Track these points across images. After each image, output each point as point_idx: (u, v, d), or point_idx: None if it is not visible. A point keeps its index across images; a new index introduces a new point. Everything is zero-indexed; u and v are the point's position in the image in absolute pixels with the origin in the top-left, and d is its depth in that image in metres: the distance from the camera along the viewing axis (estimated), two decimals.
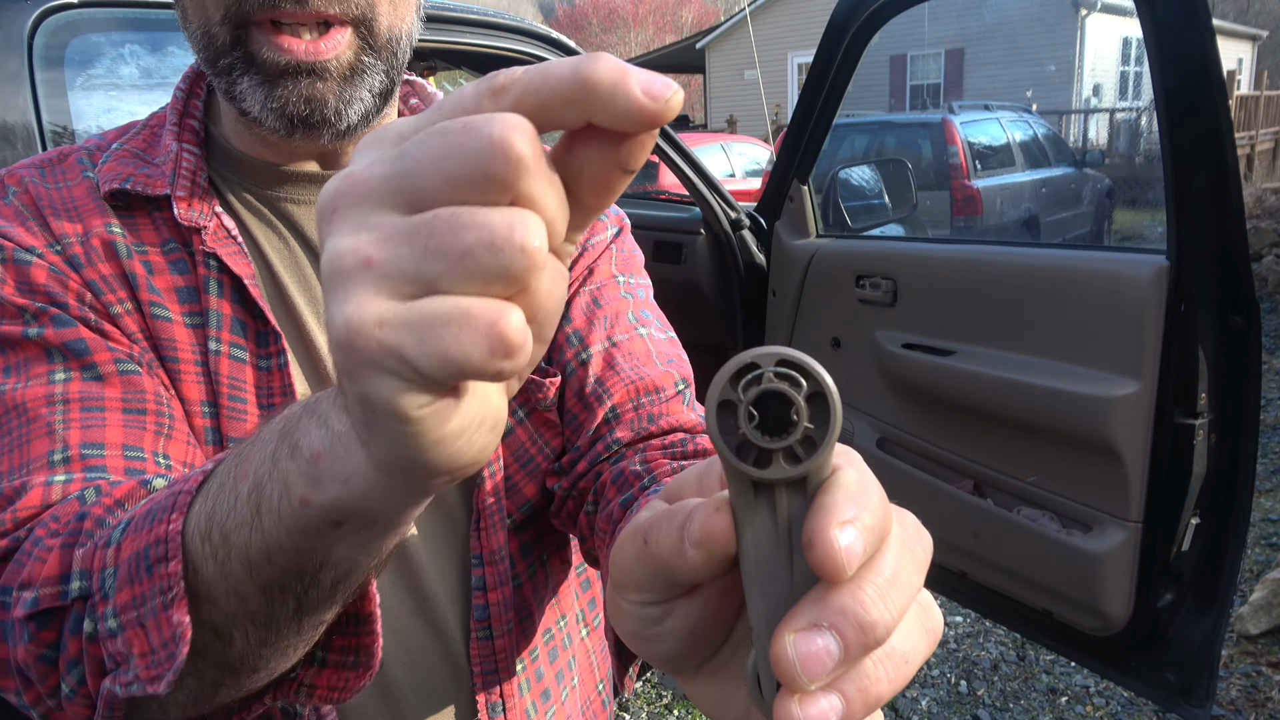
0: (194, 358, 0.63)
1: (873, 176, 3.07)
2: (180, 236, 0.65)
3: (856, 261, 2.08)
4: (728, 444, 0.28)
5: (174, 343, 0.62)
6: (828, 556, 0.27)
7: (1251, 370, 1.46)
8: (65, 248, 0.62)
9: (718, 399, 0.28)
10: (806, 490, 0.29)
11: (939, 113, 8.85)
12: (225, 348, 0.63)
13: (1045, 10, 16.03)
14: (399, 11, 0.64)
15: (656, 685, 2.71)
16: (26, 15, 1.19)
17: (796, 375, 0.28)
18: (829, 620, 0.27)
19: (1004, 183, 7.91)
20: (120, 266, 0.63)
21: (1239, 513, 1.52)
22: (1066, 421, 1.61)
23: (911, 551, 0.30)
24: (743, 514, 0.29)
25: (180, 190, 0.65)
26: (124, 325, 0.61)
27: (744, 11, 17.52)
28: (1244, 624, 2.68)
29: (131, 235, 0.64)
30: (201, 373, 0.63)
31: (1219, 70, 1.38)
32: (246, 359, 0.63)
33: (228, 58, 0.59)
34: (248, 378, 0.63)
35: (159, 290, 0.63)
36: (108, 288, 0.62)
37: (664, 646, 0.33)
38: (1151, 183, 10.98)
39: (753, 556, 0.29)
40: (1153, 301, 1.48)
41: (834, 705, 0.27)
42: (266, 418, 0.61)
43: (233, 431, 0.62)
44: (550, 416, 0.74)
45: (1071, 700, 2.52)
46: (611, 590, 0.33)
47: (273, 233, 0.70)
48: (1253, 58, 22.09)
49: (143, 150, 0.68)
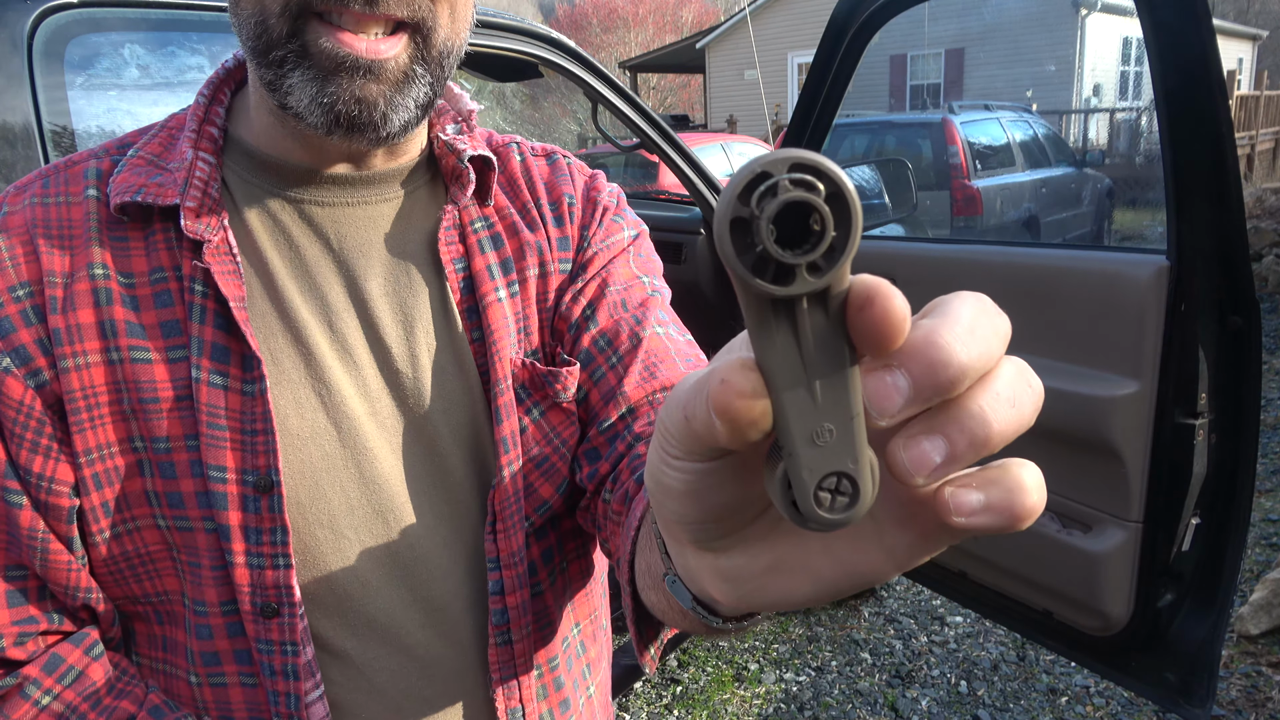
0: (174, 394, 0.62)
1: (873, 176, 3.07)
2: (171, 261, 0.64)
3: (857, 262, 2.08)
4: (744, 263, 0.26)
5: (153, 384, 0.62)
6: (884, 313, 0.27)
7: (1251, 370, 1.46)
8: (44, 287, 0.61)
9: (730, 215, 0.25)
10: (828, 303, 0.27)
11: (939, 113, 8.84)
12: (205, 374, 0.62)
13: (1045, 10, 16.03)
14: (456, 26, 0.64)
15: (656, 685, 2.71)
16: (26, 15, 1.19)
17: (813, 179, 0.25)
18: (899, 361, 0.27)
19: (1004, 183, 7.91)
20: (97, 315, 0.62)
21: (1239, 513, 1.52)
22: (1066, 421, 1.61)
23: (988, 316, 0.30)
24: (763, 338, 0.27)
25: (190, 201, 0.63)
26: (66, 382, 0.61)
27: (744, 11, 17.52)
28: (1244, 624, 2.68)
29: (120, 265, 0.63)
30: (185, 407, 0.62)
31: (1219, 70, 1.38)
32: (226, 385, 0.62)
33: (281, 49, 0.59)
34: (226, 404, 0.62)
35: (141, 330, 0.62)
36: (69, 339, 0.61)
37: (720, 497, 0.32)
38: (1151, 183, 10.98)
39: (778, 379, 0.27)
40: (1153, 301, 1.48)
41: (937, 445, 0.27)
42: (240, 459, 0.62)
43: (211, 459, 0.61)
44: (567, 407, 0.73)
45: (1071, 700, 2.52)
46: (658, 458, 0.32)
47: (283, 239, 0.68)
48: (1253, 58, 22.09)
49: (157, 155, 0.66)
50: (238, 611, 0.64)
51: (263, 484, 0.62)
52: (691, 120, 15.33)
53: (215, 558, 0.63)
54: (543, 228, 0.75)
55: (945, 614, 3.00)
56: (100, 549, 0.62)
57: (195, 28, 1.38)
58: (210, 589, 0.63)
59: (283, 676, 0.64)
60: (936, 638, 2.88)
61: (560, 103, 20.31)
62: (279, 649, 0.64)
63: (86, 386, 0.61)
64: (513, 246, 0.73)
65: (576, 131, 11.06)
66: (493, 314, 0.70)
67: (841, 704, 2.58)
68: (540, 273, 0.74)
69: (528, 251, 0.73)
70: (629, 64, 21.89)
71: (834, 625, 2.98)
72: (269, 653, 0.64)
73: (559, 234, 0.76)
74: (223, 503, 0.61)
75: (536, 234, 0.74)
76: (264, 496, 0.62)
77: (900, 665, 2.74)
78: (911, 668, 2.73)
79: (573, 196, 0.77)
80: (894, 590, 3.16)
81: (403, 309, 0.69)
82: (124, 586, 0.64)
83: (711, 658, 2.85)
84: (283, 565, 0.63)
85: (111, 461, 0.61)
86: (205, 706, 0.66)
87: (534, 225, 0.75)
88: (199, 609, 0.64)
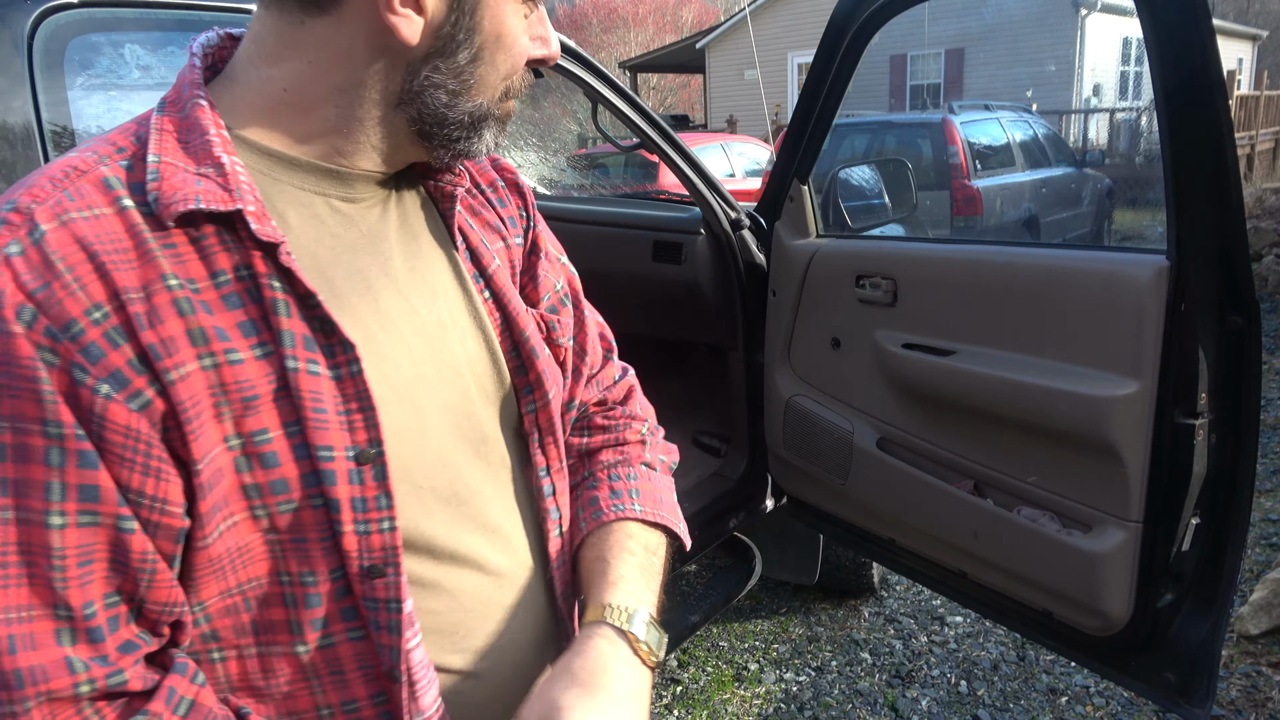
0: (271, 387, 0.65)
1: (873, 176, 3.07)
2: (231, 262, 0.65)
3: (856, 261, 2.08)
4: None
5: (250, 382, 0.64)
6: None
7: (1252, 370, 1.46)
8: (124, 304, 0.60)
9: None
10: None
11: (939, 113, 8.83)
12: (302, 364, 0.66)
13: (1045, 10, 16.03)
14: None
15: (656, 685, 2.71)
16: (26, 15, 1.19)
17: None
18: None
19: (1004, 183, 7.90)
20: (185, 324, 0.62)
21: (1239, 513, 1.52)
22: (1066, 421, 1.61)
23: None
24: None
25: (251, 205, 0.65)
26: (175, 394, 0.61)
27: (744, 11, 17.51)
28: (1244, 624, 2.69)
29: (182, 273, 0.63)
30: (281, 397, 0.65)
31: (1219, 70, 1.38)
32: (320, 371, 0.67)
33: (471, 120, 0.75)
34: (325, 389, 0.67)
35: (223, 333, 0.64)
36: (166, 353, 0.61)
37: None
38: (1151, 183, 10.97)
39: None
40: (1153, 301, 1.48)
41: None
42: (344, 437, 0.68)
43: (319, 440, 0.66)
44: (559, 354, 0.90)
45: (1071, 700, 2.52)
46: None
47: (321, 229, 0.73)
48: (1253, 58, 22.09)
49: (185, 161, 0.66)
50: (345, 575, 0.69)
51: (365, 456, 0.68)
52: (691, 120, 15.33)
53: (324, 531, 0.67)
54: (492, 208, 0.89)
55: (945, 614, 3.00)
56: (208, 550, 0.65)
57: (196, 28, 1.38)
58: (320, 560, 0.68)
59: (387, 630, 0.70)
60: (936, 638, 2.88)
61: (560, 103, 20.31)
62: (384, 606, 0.69)
63: (192, 395, 0.62)
64: (486, 220, 0.88)
65: (576, 131, 11.05)
66: (499, 278, 0.83)
67: (841, 704, 2.58)
68: (505, 244, 0.88)
69: (495, 225, 0.88)
70: (629, 64, 21.89)
71: (834, 625, 2.98)
72: (374, 609, 0.69)
73: (505, 212, 0.90)
74: (331, 479, 0.66)
75: (493, 211, 0.89)
76: (367, 467, 0.68)
77: (900, 665, 2.74)
78: (911, 668, 2.73)
79: (498, 178, 0.92)
80: (894, 590, 3.16)
81: (425, 282, 0.78)
82: (223, 580, 0.67)
83: (711, 658, 2.85)
84: (387, 529, 0.69)
85: (216, 464, 0.64)
86: (315, 670, 0.70)
87: (489, 204, 0.89)
88: (306, 579, 0.68)
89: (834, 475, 2.19)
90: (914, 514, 2.00)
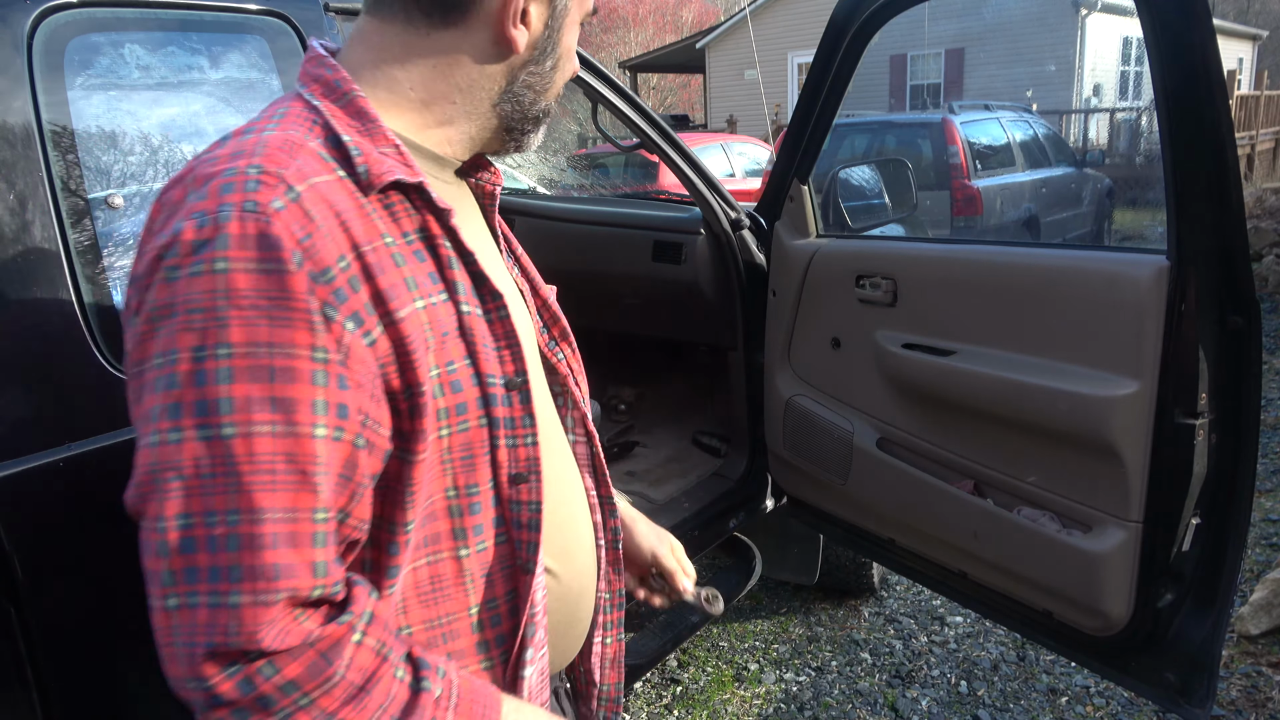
0: (455, 327, 0.79)
1: (873, 176, 3.07)
2: (413, 225, 0.78)
3: (856, 261, 2.08)
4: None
5: (441, 322, 0.78)
6: None
7: (1252, 370, 1.46)
8: (362, 255, 0.72)
9: None
10: None
11: (939, 113, 8.83)
12: (473, 309, 0.81)
13: (1045, 10, 16.02)
14: None
15: (656, 685, 2.71)
16: (26, 15, 1.19)
17: None
18: None
19: (1004, 183, 7.90)
20: (400, 274, 0.75)
21: (1239, 513, 1.52)
22: (1066, 421, 1.61)
23: None
24: None
25: (426, 179, 0.79)
26: (399, 331, 0.73)
27: (744, 11, 17.52)
28: (1244, 624, 2.69)
29: (390, 231, 0.76)
30: (459, 335, 0.79)
31: (1219, 70, 1.38)
32: (482, 315, 0.82)
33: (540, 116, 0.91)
34: (486, 330, 0.82)
35: (423, 283, 0.77)
36: (393, 296, 0.73)
37: None
38: (1151, 183, 10.98)
39: None
40: (1153, 301, 1.48)
41: None
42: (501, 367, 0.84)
43: (489, 370, 0.81)
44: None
45: (1071, 700, 2.52)
46: None
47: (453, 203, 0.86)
48: (1253, 58, 22.09)
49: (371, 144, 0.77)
50: (497, 485, 0.83)
51: (513, 384, 0.83)
52: (691, 120, 15.32)
53: (486, 447, 0.82)
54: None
55: (945, 614, 3.00)
56: (417, 467, 0.75)
57: (196, 27, 1.38)
58: (484, 470, 0.82)
59: (528, 529, 0.84)
60: (936, 638, 2.88)
61: (560, 102, 20.28)
62: (526, 506, 0.84)
63: (413, 331, 0.74)
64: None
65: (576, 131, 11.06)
66: (525, 261, 1.02)
67: (841, 704, 2.58)
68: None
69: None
70: (629, 64, 21.88)
71: (834, 625, 2.98)
72: (518, 510, 0.84)
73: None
74: (494, 401, 0.81)
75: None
76: (515, 393, 0.83)
77: (900, 665, 2.74)
78: (911, 668, 2.73)
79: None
80: (894, 590, 3.16)
81: (495, 251, 0.96)
82: (423, 492, 0.78)
83: (711, 658, 2.85)
84: (530, 443, 0.84)
85: (429, 388, 0.75)
86: (471, 573, 0.83)
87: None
88: (471, 490, 0.81)
89: (834, 475, 2.19)
90: (914, 514, 2.00)
